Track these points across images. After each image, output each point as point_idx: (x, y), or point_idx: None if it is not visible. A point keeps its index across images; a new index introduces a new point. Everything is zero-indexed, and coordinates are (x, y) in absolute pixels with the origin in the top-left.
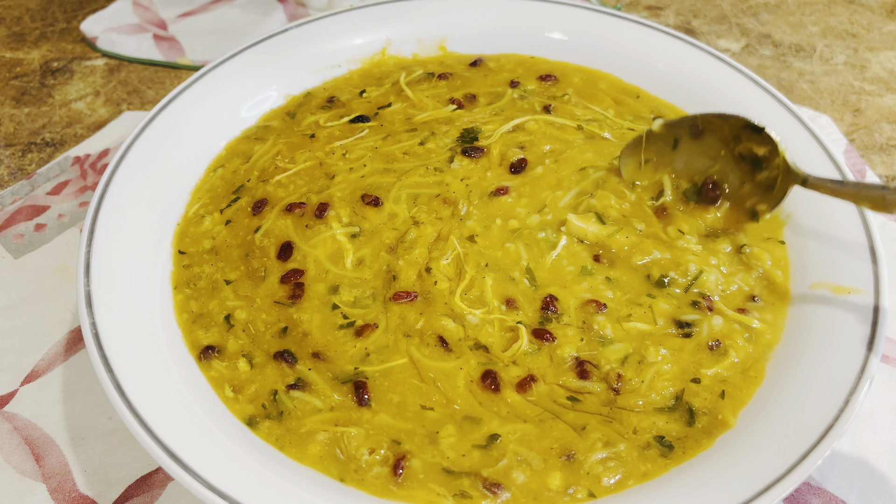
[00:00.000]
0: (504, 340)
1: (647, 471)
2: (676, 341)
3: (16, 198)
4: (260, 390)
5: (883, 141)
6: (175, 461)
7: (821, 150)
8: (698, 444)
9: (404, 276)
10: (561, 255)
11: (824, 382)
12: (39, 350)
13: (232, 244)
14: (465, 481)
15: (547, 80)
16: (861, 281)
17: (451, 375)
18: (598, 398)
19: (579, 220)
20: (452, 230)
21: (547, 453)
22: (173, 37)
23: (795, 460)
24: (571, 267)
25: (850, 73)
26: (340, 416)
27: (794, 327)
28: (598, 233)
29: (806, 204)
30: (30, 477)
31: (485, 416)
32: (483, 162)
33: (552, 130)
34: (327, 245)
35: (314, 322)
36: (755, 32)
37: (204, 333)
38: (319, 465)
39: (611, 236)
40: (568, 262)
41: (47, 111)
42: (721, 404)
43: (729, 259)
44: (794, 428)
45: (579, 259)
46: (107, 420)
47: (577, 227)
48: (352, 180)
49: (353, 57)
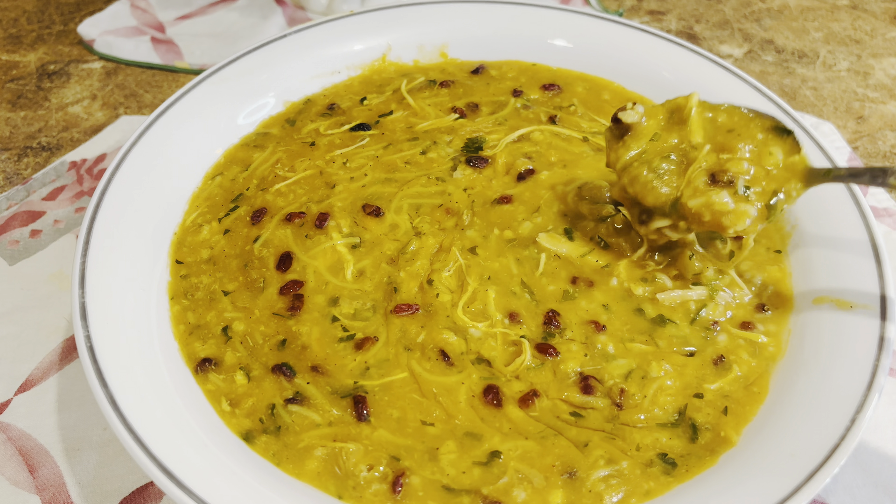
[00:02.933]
0: (507, 355)
1: (649, 489)
2: (680, 358)
3: (11, 203)
4: (257, 404)
5: (886, 149)
6: (168, 477)
7: (824, 158)
8: (701, 461)
9: (405, 288)
10: (545, 271)
11: (830, 399)
12: (34, 359)
13: (230, 254)
14: (465, 499)
15: (550, 89)
16: (866, 295)
17: (453, 390)
18: (601, 414)
19: (548, 241)
20: (454, 241)
21: (549, 471)
22: (171, 40)
23: (801, 481)
24: (552, 287)
25: (854, 79)
26: (339, 431)
27: (799, 341)
28: (569, 253)
29: (810, 214)
30: (23, 489)
31: (486, 432)
32: (487, 172)
33: (558, 142)
34: (327, 256)
35: (313, 335)
36: (758, 38)
37: (201, 345)
38: (317, 482)
39: (583, 257)
40: (548, 281)
41: (43, 115)
42: (724, 420)
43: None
44: (800, 447)
45: (559, 279)
46: (101, 431)
47: (547, 248)
48: (353, 190)
49: (354, 63)
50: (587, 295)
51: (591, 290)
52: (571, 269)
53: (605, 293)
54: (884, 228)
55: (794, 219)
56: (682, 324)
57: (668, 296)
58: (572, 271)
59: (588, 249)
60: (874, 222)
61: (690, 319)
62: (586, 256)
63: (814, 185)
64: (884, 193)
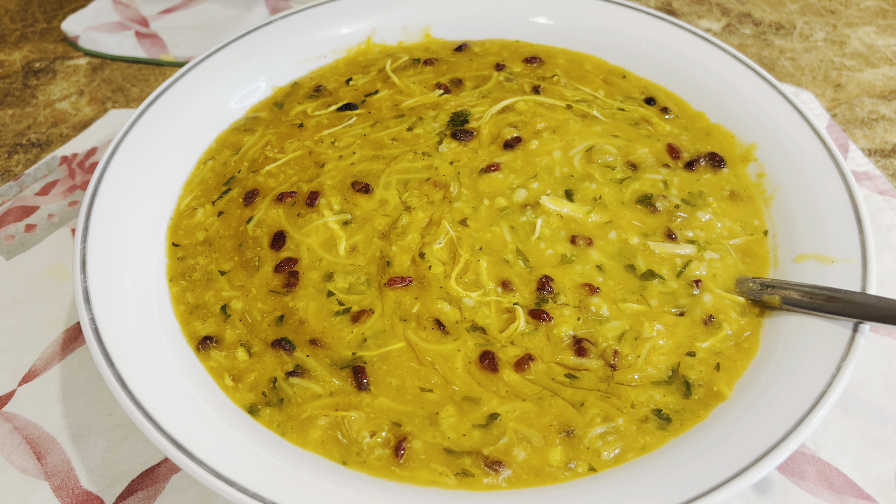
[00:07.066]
0: (501, 321)
1: (645, 443)
2: (671, 318)
3: (4, 199)
4: (259, 378)
5: (864, 115)
6: (182, 451)
7: (806, 125)
8: (695, 415)
9: (398, 262)
10: (541, 236)
11: (816, 351)
12: (36, 350)
13: (225, 235)
14: (467, 460)
15: (532, 62)
16: (849, 250)
17: (449, 357)
18: (595, 375)
19: (551, 202)
20: (444, 214)
21: (546, 430)
22: (156, 34)
23: (791, 426)
24: (550, 251)
25: (830, 49)
26: (340, 400)
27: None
28: (571, 212)
29: (792, 177)
30: (32, 476)
31: (484, 395)
32: (473, 143)
33: (542, 110)
34: (320, 233)
35: (310, 309)
36: (735, 12)
37: (201, 324)
38: (322, 450)
39: (588, 213)
40: (546, 245)
41: (31, 112)
42: (716, 376)
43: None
44: (788, 396)
45: (557, 241)
46: (107, 416)
47: (550, 210)
48: (341, 168)
49: (339, 46)
50: (584, 256)
51: (589, 250)
52: (572, 228)
53: (601, 250)
54: (864, 192)
55: (777, 181)
56: (670, 279)
57: (660, 245)
58: (573, 230)
59: (591, 208)
60: (853, 181)
61: (676, 273)
62: (590, 212)
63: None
64: (864, 157)
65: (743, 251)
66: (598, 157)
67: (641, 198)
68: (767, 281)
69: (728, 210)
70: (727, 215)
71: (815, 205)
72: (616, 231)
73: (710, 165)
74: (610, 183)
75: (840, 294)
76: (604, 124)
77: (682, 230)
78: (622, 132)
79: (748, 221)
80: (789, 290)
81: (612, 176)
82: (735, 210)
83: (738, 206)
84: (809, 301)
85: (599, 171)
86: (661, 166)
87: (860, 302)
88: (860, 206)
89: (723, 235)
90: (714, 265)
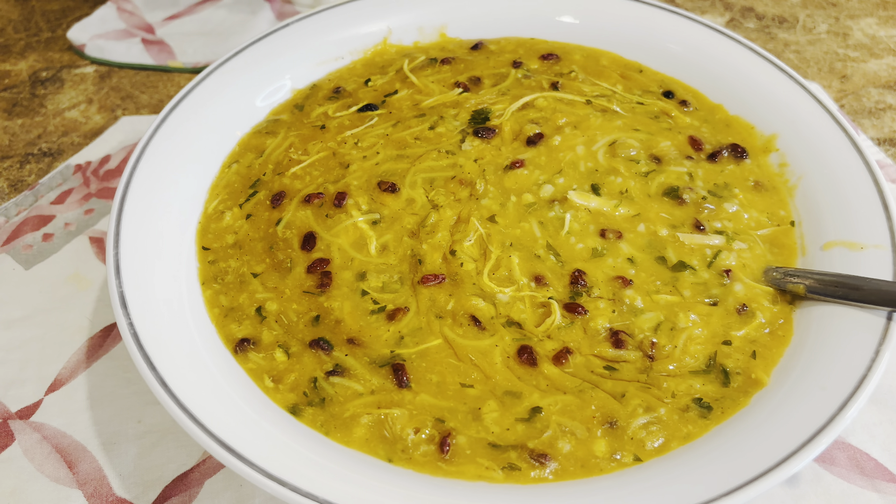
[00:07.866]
0: (536, 316)
1: (688, 432)
2: (705, 308)
3: (20, 209)
4: (299, 378)
5: (871, 105)
6: (230, 452)
7: (825, 114)
8: (735, 403)
9: (430, 260)
10: (570, 231)
11: (852, 338)
12: (60, 359)
13: (255, 237)
14: (513, 454)
15: (549, 58)
16: (878, 237)
17: (488, 353)
18: (634, 366)
19: (579, 197)
20: (472, 211)
21: (589, 422)
22: (162, 40)
23: (834, 411)
24: (581, 245)
25: (834, 41)
26: (382, 398)
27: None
28: (598, 206)
29: (816, 166)
30: (64, 484)
31: (525, 389)
32: (495, 141)
33: (562, 106)
34: (349, 233)
35: (345, 309)
36: (738, 6)
37: (237, 327)
38: (367, 448)
39: (616, 206)
40: (577, 239)
41: (41, 121)
42: (753, 364)
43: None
44: (829, 380)
45: (587, 235)
46: (136, 423)
47: (578, 204)
48: (366, 168)
49: (356, 48)
50: (614, 249)
51: (619, 243)
52: (601, 222)
53: (631, 243)
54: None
55: (799, 171)
56: (701, 270)
57: (690, 237)
58: (602, 223)
59: (618, 201)
60: (878, 170)
61: (707, 263)
62: (618, 206)
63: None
64: (874, 147)
65: (770, 241)
66: (621, 151)
67: (668, 190)
68: (791, 270)
69: (754, 201)
70: (753, 206)
71: (840, 192)
72: (644, 224)
73: (733, 156)
74: (635, 176)
75: (865, 283)
76: (624, 118)
77: (709, 221)
78: (643, 126)
79: (774, 212)
80: (812, 278)
81: (637, 169)
82: (761, 200)
83: (763, 196)
84: (834, 290)
85: (624, 165)
86: (685, 158)
87: (890, 290)
88: (886, 193)
89: (750, 226)
90: (743, 255)
